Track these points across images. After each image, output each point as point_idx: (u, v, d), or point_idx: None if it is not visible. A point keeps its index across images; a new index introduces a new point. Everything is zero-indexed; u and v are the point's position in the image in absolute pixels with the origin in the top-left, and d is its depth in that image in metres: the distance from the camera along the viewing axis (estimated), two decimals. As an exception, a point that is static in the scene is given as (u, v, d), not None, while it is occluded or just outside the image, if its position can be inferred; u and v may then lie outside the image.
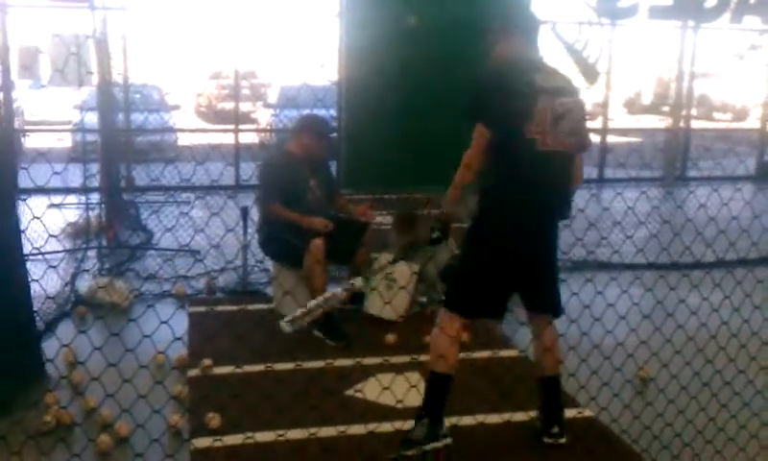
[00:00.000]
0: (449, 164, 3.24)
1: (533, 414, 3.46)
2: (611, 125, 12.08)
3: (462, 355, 4.20)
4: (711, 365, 3.51)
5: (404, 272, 4.82)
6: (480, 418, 3.51)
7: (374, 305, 4.87)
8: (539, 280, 3.26)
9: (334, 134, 9.47)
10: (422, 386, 3.65)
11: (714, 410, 3.44)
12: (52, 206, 7.54)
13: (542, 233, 3.18)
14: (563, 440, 3.34)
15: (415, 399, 3.27)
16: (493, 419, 3.51)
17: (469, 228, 3.22)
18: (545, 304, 3.33)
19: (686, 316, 3.58)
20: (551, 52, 10.09)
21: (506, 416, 3.52)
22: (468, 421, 3.48)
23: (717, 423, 3.40)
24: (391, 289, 4.78)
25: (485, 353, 4.31)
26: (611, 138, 12.12)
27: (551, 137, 3.01)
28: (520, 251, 3.09)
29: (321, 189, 4.91)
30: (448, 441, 3.15)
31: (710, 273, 4.07)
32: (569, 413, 3.51)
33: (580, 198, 3.64)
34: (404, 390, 3.34)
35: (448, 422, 3.20)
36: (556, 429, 3.34)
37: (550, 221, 3.20)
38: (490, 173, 3.12)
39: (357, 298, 4.91)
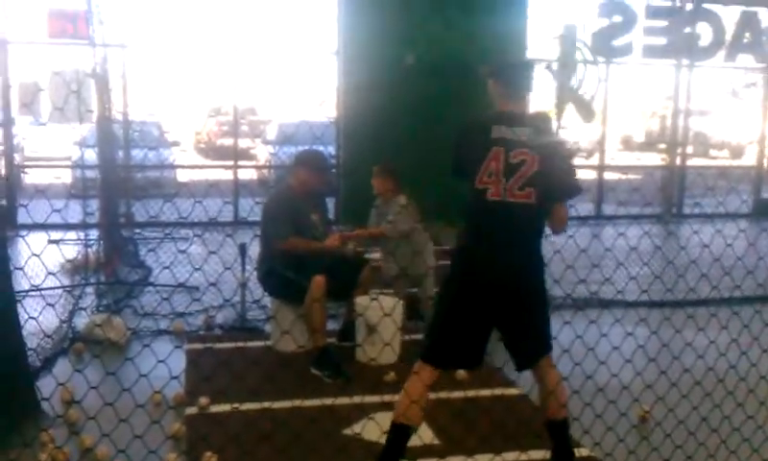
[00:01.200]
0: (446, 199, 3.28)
1: (534, 455, 3.41)
2: (610, 162, 12.16)
3: (463, 394, 4.21)
4: (720, 410, 3.47)
5: (386, 321, 4.26)
6: (480, 459, 3.46)
7: (362, 355, 4.75)
8: (513, 328, 3.18)
9: (333, 170, 9.51)
10: (422, 427, 3.61)
11: (723, 457, 3.38)
12: (51, 242, 7.53)
13: (503, 279, 3.06)
14: None
15: (414, 440, 3.22)
16: None
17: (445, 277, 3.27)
18: (528, 358, 3.25)
19: (693, 359, 3.53)
20: (546, 90, 10.16)
21: (508, 457, 3.46)
22: (469, 461, 3.43)
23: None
24: (371, 335, 4.64)
25: (487, 392, 4.27)
26: (608, 175, 12.19)
27: (503, 188, 3.04)
28: (483, 297, 3.07)
29: (322, 224, 4.91)
30: None
31: (717, 315, 4.03)
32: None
33: (581, 236, 3.63)
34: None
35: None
36: None
37: (512, 268, 3.07)
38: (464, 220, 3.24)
39: (352, 335, 4.87)
